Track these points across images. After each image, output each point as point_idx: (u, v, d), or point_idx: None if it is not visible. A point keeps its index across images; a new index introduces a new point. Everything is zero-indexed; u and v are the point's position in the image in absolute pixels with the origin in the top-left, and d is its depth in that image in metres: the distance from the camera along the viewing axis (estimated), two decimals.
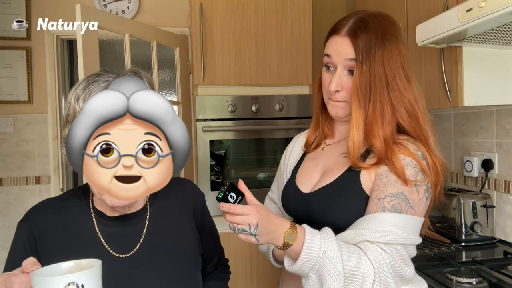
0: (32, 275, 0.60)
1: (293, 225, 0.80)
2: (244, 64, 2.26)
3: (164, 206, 0.93)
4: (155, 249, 0.87)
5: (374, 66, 0.87)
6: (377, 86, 0.87)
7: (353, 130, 0.88)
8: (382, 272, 0.78)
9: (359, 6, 2.31)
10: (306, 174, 1.01)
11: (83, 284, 0.59)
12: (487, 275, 1.31)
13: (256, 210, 0.76)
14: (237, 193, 0.79)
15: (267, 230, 0.77)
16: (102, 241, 0.84)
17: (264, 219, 0.76)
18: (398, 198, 0.83)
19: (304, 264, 0.78)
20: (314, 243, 0.77)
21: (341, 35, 0.90)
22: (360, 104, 0.88)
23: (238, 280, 2.16)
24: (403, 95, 0.88)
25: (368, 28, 0.89)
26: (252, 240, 0.77)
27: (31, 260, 0.64)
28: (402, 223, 0.81)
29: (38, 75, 2.54)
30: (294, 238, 0.78)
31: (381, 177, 0.86)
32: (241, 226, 0.75)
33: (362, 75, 0.87)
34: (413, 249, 0.85)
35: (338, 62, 0.91)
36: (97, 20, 1.78)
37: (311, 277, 0.79)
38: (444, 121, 2.02)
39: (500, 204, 1.69)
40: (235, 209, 0.75)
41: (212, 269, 1.05)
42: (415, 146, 0.87)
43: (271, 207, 1.18)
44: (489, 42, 1.35)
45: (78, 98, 0.78)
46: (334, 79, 0.91)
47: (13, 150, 2.53)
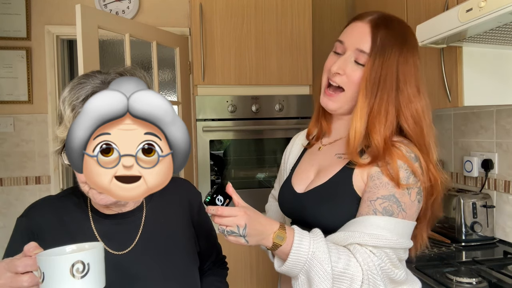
0: (39, 255, 0.62)
1: (282, 226, 0.80)
2: (244, 64, 2.26)
3: (160, 204, 0.94)
4: (152, 246, 0.88)
5: (388, 64, 0.87)
6: (386, 85, 0.87)
7: (357, 119, 0.87)
8: (370, 274, 0.78)
9: (359, 6, 2.31)
10: (301, 174, 1.02)
11: (89, 263, 0.62)
12: (487, 275, 1.31)
13: (244, 211, 0.76)
14: (224, 196, 0.79)
15: (256, 231, 0.77)
16: (99, 239, 0.85)
17: (253, 220, 0.77)
18: (389, 200, 0.82)
19: (293, 264, 0.78)
20: (303, 243, 0.78)
21: (363, 22, 0.90)
22: (366, 96, 0.87)
23: (238, 280, 2.16)
24: (412, 102, 0.87)
25: (392, 27, 0.89)
26: (242, 242, 0.77)
27: (33, 244, 0.65)
28: (392, 227, 0.81)
29: (38, 75, 2.54)
30: (283, 239, 0.78)
31: (373, 179, 0.85)
32: (230, 228, 0.75)
33: (373, 68, 0.86)
34: (403, 252, 0.84)
35: (349, 47, 0.91)
36: (97, 20, 1.79)
37: (300, 278, 0.79)
38: (444, 121, 2.02)
39: (500, 204, 1.69)
40: (223, 211, 0.75)
41: (210, 266, 1.06)
42: (408, 148, 0.86)
43: (274, 204, 1.18)
44: (489, 42, 1.35)
45: (64, 100, 0.79)
46: (340, 61, 0.91)
47: (13, 150, 2.53)
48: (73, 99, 0.77)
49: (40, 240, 0.84)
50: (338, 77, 0.91)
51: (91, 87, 0.78)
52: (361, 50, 0.88)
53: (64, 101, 0.79)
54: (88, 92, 0.77)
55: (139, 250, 0.87)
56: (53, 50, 2.52)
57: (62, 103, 0.79)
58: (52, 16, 2.53)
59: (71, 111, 0.77)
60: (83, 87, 0.78)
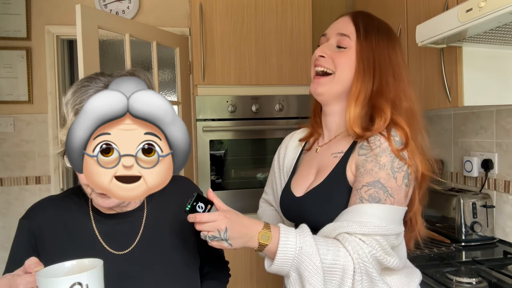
0: (37, 276, 0.61)
1: (266, 225, 0.80)
2: (244, 64, 2.26)
3: (161, 204, 0.94)
4: (152, 246, 0.88)
5: (378, 48, 0.89)
6: (382, 68, 0.89)
7: (352, 102, 0.89)
8: (362, 263, 0.77)
9: (359, 6, 2.31)
10: (300, 179, 1.01)
11: (88, 284, 0.61)
12: (487, 275, 1.31)
13: (224, 215, 0.76)
14: (205, 202, 0.79)
15: (239, 233, 0.77)
16: (100, 239, 0.85)
17: (234, 223, 0.76)
18: (374, 186, 0.81)
19: (282, 262, 0.78)
20: (289, 240, 0.78)
21: (344, 15, 0.95)
22: (364, 80, 0.88)
23: (238, 282, 2.16)
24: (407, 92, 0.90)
25: (373, 18, 0.93)
26: (225, 246, 0.77)
27: (34, 260, 0.65)
28: (380, 213, 0.80)
29: (38, 75, 2.54)
30: (269, 238, 0.78)
31: (359, 168, 0.86)
32: (211, 234, 0.75)
33: (363, 50, 0.89)
34: (394, 239, 0.82)
35: (331, 36, 0.94)
36: (97, 20, 1.79)
37: (292, 275, 0.79)
38: (444, 121, 2.02)
39: (500, 204, 1.69)
40: (201, 217, 0.75)
41: (210, 269, 1.05)
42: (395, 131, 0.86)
43: (268, 209, 1.18)
44: (489, 42, 1.35)
45: (68, 103, 0.79)
46: (322, 46, 0.94)
47: (13, 150, 2.53)
48: (76, 102, 0.77)
49: (41, 240, 0.85)
50: (322, 60, 0.94)
51: (94, 91, 0.78)
52: (342, 33, 0.91)
53: (67, 104, 0.79)
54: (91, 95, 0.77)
55: (140, 250, 0.87)
56: (53, 50, 2.52)
57: (65, 106, 0.79)
58: (52, 16, 2.53)
59: (74, 115, 0.77)
60: (86, 91, 0.78)
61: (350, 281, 0.77)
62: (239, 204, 2.21)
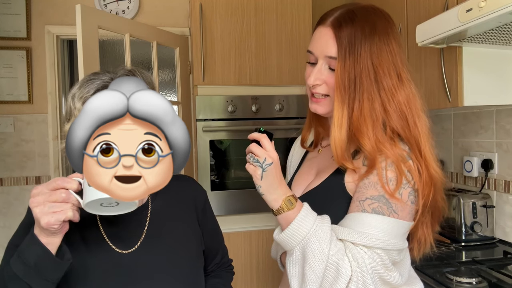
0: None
1: (295, 196, 0.82)
2: (244, 64, 2.26)
3: (165, 202, 0.94)
4: (157, 244, 0.88)
5: (360, 61, 0.82)
6: (363, 83, 0.82)
7: (334, 128, 0.83)
8: (360, 273, 0.75)
9: None
10: (300, 179, 1.01)
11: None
12: (487, 275, 1.31)
13: (278, 157, 0.80)
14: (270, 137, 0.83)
15: (272, 181, 0.79)
16: (105, 237, 0.85)
17: (278, 170, 0.80)
18: (379, 201, 0.78)
19: (292, 234, 0.78)
20: (308, 218, 0.78)
21: (325, 26, 0.87)
22: (343, 101, 0.82)
23: (238, 280, 2.16)
24: (395, 95, 0.82)
25: (355, 21, 0.84)
26: (258, 174, 0.79)
27: None
28: (384, 226, 0.77)
29: (38, 75, 2.54)
30: (292, 204, 0.79)
31: (363, 178, 0.81)
32: (257, 157, 0.79)
33: (345, 70, 0.82)
34: (396, 254, 0.79)
35: (319, 56, 0.88)
36: (97, 20, 1.78)
37: (295, 253, 0.78)
38: (444, 121, 2.02)
39: (500, 204, 1.69)
40: (264, 141, 0.79)
41: (215, 268, 1.05)
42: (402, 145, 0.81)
43: None
44: (489, 42, 1.35)
45: (74, 96, 0.80)
46: (313, 73, 0.89)
47: (13, 150, 2.53)
48: (83, 92, 0.79)
49: None
50: (318, 88, 0.90)
51: (101, 82, 0.79)
52: (330, 56, 0.85)
53: (73, 96, 0.80)
54: (98, 86, 0.79)
55: (144, 249, 0.87)
56: (53, 50, 2.52)
57: (71, 98, 0.80)
58: (52, 16, 2.53)
59: (81, 104, 0.78)
60: (93, 82, 0.79)
61: (343, 286, 0.74)
62: (239, 204, 2.21)
